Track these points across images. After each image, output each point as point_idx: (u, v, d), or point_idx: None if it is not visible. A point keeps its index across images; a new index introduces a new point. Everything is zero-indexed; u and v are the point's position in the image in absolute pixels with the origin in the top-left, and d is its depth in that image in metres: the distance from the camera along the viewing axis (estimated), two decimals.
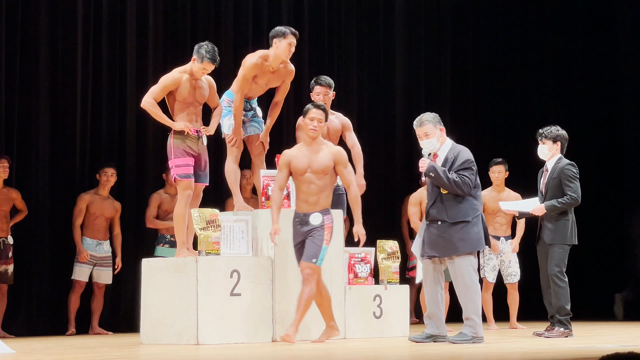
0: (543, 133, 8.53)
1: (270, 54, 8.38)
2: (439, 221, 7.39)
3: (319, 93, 8.85)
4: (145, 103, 8.20)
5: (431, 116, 7.57)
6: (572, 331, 8.26)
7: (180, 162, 8.13)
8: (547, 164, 8.52)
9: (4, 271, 9.81)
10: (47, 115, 10.51)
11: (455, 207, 7.36)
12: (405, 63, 13.40)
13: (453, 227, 7.35)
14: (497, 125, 14.02)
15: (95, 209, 10.28)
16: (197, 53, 8.16)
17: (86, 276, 10.24)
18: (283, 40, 8.31)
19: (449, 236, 7.36)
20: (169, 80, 8.21)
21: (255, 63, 8.37)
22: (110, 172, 10.34)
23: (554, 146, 8.49)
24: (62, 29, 10.68)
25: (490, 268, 10.41)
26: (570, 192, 8.29)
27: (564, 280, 8.24)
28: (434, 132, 7.49)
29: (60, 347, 8.07)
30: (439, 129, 7.52)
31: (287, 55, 8.36)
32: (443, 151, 7.51)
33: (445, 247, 7.37)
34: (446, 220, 7.36)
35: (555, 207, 8.27)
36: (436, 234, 7.40)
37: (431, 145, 7.50)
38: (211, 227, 7.90)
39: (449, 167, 7.39)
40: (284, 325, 8.04)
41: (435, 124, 7.51)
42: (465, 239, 7.33)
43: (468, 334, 7.36)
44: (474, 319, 7.37)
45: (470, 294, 7.36)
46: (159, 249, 10.44)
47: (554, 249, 8.27)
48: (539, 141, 8.56)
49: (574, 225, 8.38)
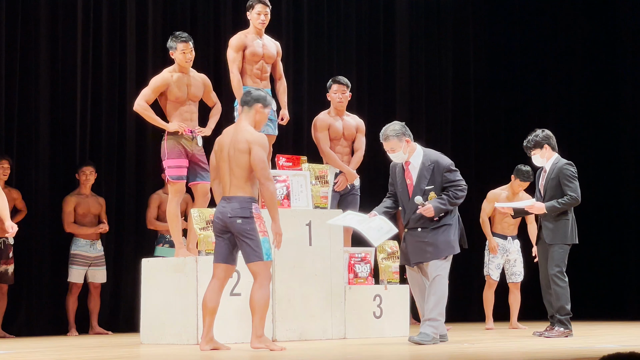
0: (526, 145, 8.53)
1: (249, 27, 8.62)
2: (420, 228, 7.45)
3: (336, 91, 9.13)
4: (138, 106, 8.20)
5: (395, 129, 7.54)
6: (572, 331, 8.26)
7: (174, 163, 8.13)
8: (545, 165, 8.52)
9: (4, 271, 9.81)
10: (47, 115, 10.51)
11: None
12: (405, 64, 13.39)
13: (435, 232, 7.41)
14: (498, 126, 14.00)
15: (82, 209, 10.29)
16: (170, 46, 8.24)
17: (81, 277, 10.23)
18: (252, 11, 8.58)
19: (434, 240, 7.41)
20: (158, 81, 8.20)
21: (236, 36, 8.58)
22: (88, 170, 10.33)
23: (543, 151, 8.47)
24: (62, 29, 10.68)
25: (495, 266, 10.41)
26: (570, 191, 8.28)
27: (564, 280, 8.24)
28: (399, 146, 7.51)
29: (60, 347, 8.06)
30: (405, 141, 7.52)
31: (259, 23, 8.54)
32: (416, 159, 7.53)
33: (431, 252, 7.41)
34: (427, 226, 7.43)
35: (556, 207, 8.26)
36: (419, 240, 7.46)
37: (398, 158, 7.55)
38: (211, 227, 7.89)
39: (430, 174, 7.43)
40: (284, 325, 8.04)
41: (399, 137, 7.51)
42: (447, 242, 7.41)
43: (430, 334, 7.34)
44: (439, 320, 7.40)
45: (441, 297, 7.40)
46: (158, 249, 10.44)
47: (554, 248, 8.27)
48: (527, 154, 8.57)
49: (574, 224, 8.39)
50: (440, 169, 7.46)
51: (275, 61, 8.74)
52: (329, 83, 9.22)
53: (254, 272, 6.84)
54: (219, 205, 6.97)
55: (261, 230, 6.84)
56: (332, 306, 8.35)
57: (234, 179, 6.87)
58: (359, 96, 12.65)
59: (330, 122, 9.13)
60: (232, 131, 7.01)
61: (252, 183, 6.91)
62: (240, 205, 6.82)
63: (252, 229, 6.80)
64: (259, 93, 7.09)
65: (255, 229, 6.81)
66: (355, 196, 9.16)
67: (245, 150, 6.84)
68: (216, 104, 8.52)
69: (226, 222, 6.85)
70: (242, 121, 7.02)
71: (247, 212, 6.81)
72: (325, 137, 9.09)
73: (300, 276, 8.21)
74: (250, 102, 7.02)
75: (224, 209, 6.87)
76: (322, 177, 8.63)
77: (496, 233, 10.43)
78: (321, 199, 8.55)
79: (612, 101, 13.89)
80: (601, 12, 14.04)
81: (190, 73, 8.28)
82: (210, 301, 6.94)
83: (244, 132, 6.91)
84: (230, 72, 8.48)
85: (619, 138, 13.81)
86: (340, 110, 9.18)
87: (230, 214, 6.82)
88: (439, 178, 7.45)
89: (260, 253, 6.81)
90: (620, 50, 13.84)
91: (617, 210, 13.73)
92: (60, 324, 10.24)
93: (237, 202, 6.83)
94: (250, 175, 6.88)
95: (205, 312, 6.97)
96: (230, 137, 6.97)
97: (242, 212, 6.81)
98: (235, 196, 6.86)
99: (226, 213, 6.84)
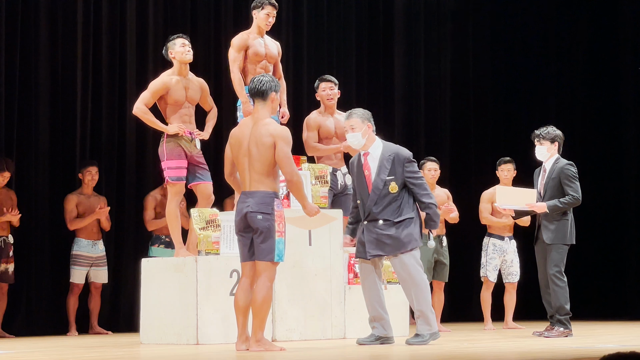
0: (540, 134, 8.52)
1: (252, 27, 8.63)
2: (381, 220, 7.37)
3: (324, 89, 9.12)
4: (137, 110, 8.21)
5: (360, 111, 7.56)
6: (572, 331, 8.26)
7: (173, 164, 8.13)
8: (545, 164, 8.52)
9: (4, 270, 9.80)
10: (47, 115, 10.51)
11: (396, 206, 7.36)
12: (404, 65, 13.39)
13: (398, 225, 7.34)
14: (498, 127, 14.00)
15: (84, 209, 10.28)
16: (168, 47, 8.26)
17: (83, 278, 10.23)
18: (260, 11, 8.58)
19: (396, 234, 7.34)
20: (158, 85, 8.22)
21: (239, 36, 8.58)
22: (94, 170, 10.33)
23: (552, 146, 8.49)
24: (62, 29, 10.68)
25: (492, 267, 10.41)
26: (572, 192, 8.29)
27: (563, 280, 8.25)
28: (360, 127, 7.46)
29: (60, 347, 8.07)
30: (367, 125, 7.48)
31: (265, 25, 8.57)
32: (375, 150, 7.47)
33: (392, 245, 7.34)
34: (389, 219, 7.36)
35: (558, 207, 8.27)
36: (380, 233, 7.36)
37: (355, 139, 7.48)
38: (211, 227, 7.91)
39: (391, 164, 7.36)
40: (284, 325, 8.04)
41: (362, 120, 7.48)
42: (411, 235, 7.34)
43: (425, 334, 7.32)
44: (427, 315, 7.34)
45: (420, 289, 7.33)
46: (153, 250, 10.43)
47: (553, 248, 8.27)
48: (535, 142, 8.55)
49: (573, 224, 8.39)
50: (400, 160, 7.40)
51: (276, 61, 8.76)
52: (316, 83, 9.20)
53: (260, 269, 6.79)
54: (238, 202, 6.88)
55: (279, 230, 6.76)
56: (332, 306, 8.36)
57: (255, 174, 6.77)
58: (358, 96, 12.66)
59: (321, 122, 9.09)
60: (251, 124, 6.89)
61: (274, 177, 6.81)
62: (262, 201, 6.72)
63: (270, 227, 6.72)
64: (267, 80, 6.95)
65: (273, 228, 6.73)
66: (349, 196, 9.06)
67: (269, 145, 6.74)
68: (212, 108, 8.54)
69: (247, 217, 6.75)
70: (259, 114, 6.89)
71: (268, 209, 6.73)
72: (314, 136, 9.04)
73: (300, 276, 8.21)
74: (265, 93, 6.91)
75: (245, 204, 6.77)
76: (322, 177, 8.63)
77: (492, 233, 10.44)
78: (321, 199, 8.55)
79: (613, 102, 13.88)
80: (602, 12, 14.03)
81: (188, 76, 8.31)
82: (241, 300, 6.84)
83: (267, 126, 6.80)
84: (231, 71, 8.49)
85: (621, 138, 13.81)
86: (330, 108, 9.13)
87: (251, 208, 6.72)
88: (400, 169, 7.38)
89: (273, 254, 6.76)
90: (621, 49, 13.84)
91: (617, 210, 13.72)
92: (60, 324, 10.23)
93: (259, 197, 6.73)
94: (272, 170, 6.78)
95: (237, 312, 6.88)
96: (250, 130, 6.85)
97: (264, 208, 6.72)
98: (257, 191, 6.75)
99: (247, 208, 6.73)
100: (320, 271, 8.33)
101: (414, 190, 7.40)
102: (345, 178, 9.07)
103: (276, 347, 6.87)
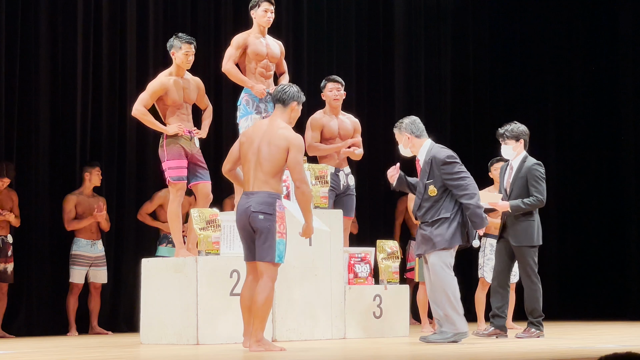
0: (504, 133, 8.42)
1: (253, 27, 8.66)
2: (422, 222, 7.60)
3: (331, 89, 9.13)
4: (136, 111, 8.22)
5: (401, 122, 7.81)
6: (543, 332, 8.22)
7: (174, 164, 8.15)
8: (512, 162, 8.38)
9: (3, 270, 9.81)
10: (47, 115, 10.51)
11: (436, 208, 7.54)
12: (405, 65, 13.40)
13: (432, 224, 7.52)
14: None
15: (83, 209, 10.28)
16: (172, 46, 8.24)
17: (83, 278, 10.24)
18: (258, 9, 8.62)
19: (428, 233, 7.52)
20: (156, 86, 8.23)
21: (239, 35, 8.63)
22: (98, 170, 10.34)
23: (517, 144, 8.39)
24: (62, 29, 10.68)
25: (489, 268, 10.37)
26: (537, 193, 8.18)
27: (536, 283, 8.18)
28: (400, 139, 7.79)
29: (60, 347, 8.07)
30: (405, 136, 7.71)
31: (265, 21, 8.60)
32: (422, 154, 7.72)
33: (425, 244, 7.54)
34: (427, 220, 7.55)
35: (520, 207, 8.17)
36: (421, 233, 7.61)
37: (401, 151, 7.82)
38: (211, 227, 7.90)
39: (429, 168, 7.57)
40: (284, 325, 8.04)
41: (400, 131, 7.76)
42: (441, 235, 7.47)
43: (449, 332, 7.41)
44: (450, 316, 7.43)
45: (445, 290, 7.43)
46: (161, 249, 10.46)
47: (523, 250, 8.19)
48: (500, 141, 8.50)
49: (539, 226, 8.27)
50: (437, 162, 7.56)
51: (279, 60, 8.77)
52: (322, 83, 9.20)
53: (261, 270, 6.80)
54: (240, 202, 6.89)
55: (280, 231, 6.76)
56: (332, 306, 8.36)
57: (260, 174, 6.77)
58: (358, 96, 12.66)
59: (325, 122, 9.08)
60: (266, 126, 6.93)
61: (278, 179, 6.83)
62: (264, 200, 6.72)
63: (271, 228, 6.72)
64: (293, 91, 7.00)
65: (274, 229, 6.73)
66: (351, 196, 9.10)
67: (282, 148, 6.76)
68: (208, 107, 8.57)
69: (248, 217, 6.75)
70: (277, 118, 6.94)
71: (270, 209, 6.73)
72: (316, 137, 9.03)
73: (300, 276, 8.21)
74: (287, 100, 6.95)
75: (246, 204, 6.77)
76: (322, 177, 8.64)
77: (489, 234, 10.42)
78: (321, 199, 8.55)
79: (612, 100, 13.89)
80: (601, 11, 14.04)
81: (185, 76, 8.32)
82: (247, 297, 6.87)
83: (283, 130, 6.83)
84: (224, 64, 8.52)
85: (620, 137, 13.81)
86: (335, 109, 9.14)
87: (253, 208, 6.72)
88: (437, 172, 7.54)
89: (273, 254, 6.75)
90: (621, 49, 13.84)
91: (617, 210, 13.72)
92: (60, 324, 10.24)
93: (262, 197, 6.73)
94: (278, 172, 6.80)
95: (243, 310, 6.91)
96: (264, 131, 6.88)
97: (266, 208, 6.71)
98: (260, 191, 6.76)
99: (249, 208, 6.73)
100: (320, 271, 8.33)
101: (454, 191, 7.55)
102: (347, 178, 9.09)
103: (276, 347, 6.88)
